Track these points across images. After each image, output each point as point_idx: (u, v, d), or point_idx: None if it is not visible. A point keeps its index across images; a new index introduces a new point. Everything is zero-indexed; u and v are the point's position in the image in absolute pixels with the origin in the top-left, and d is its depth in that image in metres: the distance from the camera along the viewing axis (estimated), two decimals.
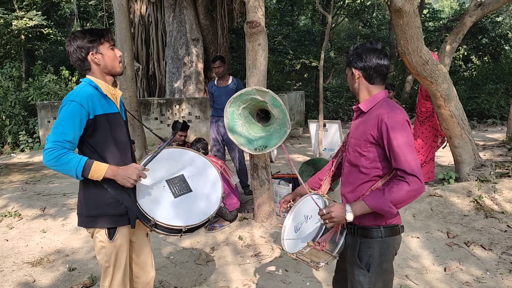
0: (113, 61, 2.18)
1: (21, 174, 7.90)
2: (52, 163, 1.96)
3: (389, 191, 1.77)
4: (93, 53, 2.12)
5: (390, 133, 1.79)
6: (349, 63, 2.00)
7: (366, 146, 1.90)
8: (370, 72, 1.93)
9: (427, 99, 5.57)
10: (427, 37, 16.57)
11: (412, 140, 1.82)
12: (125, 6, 6.97)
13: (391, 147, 1.79)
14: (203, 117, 10.37)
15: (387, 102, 1.91)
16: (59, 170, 2.00)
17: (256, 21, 4.17)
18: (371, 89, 1.96)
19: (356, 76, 1.96)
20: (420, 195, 1.82)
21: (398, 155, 1.77)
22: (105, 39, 2.14)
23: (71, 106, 2.01)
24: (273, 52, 16.86)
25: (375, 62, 1.92)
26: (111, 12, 12.21)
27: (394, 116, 1.82)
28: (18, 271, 3.67)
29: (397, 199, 1.76)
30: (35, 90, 12.09)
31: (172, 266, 3.73)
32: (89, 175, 2.00)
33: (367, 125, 1.90)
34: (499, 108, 13.48)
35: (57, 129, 2.00)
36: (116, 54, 2.20)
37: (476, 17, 6.04)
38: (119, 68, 2.23)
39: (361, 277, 1.94)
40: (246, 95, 4.00)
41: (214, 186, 2.39)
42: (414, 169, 1.75)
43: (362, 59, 1.93)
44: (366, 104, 1.96)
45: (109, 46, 2.16)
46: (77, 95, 2.05)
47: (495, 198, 4.69)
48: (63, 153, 1.97)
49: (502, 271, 3.39)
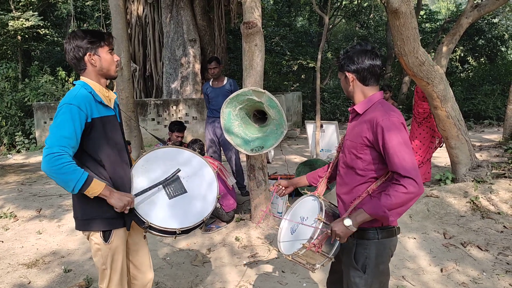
0: (109, 65, 2.18)
1: (17, 175, 7.87)
2: (54, 170, 1.89)
3: (385, 195, 1.76)
4: (90, 54, 2.11)
5: (385, 136, 1.78)
6: (341, 67, 1.98)
7: (362, 149, 1.89)
8: (363, 73, 1.93)
9: (424, 100, 5.58)
10: (423, 38, 16.59)
11: (408, 142, 1.81)
12: (122, 6, 6.96)
13: (386, 150, 1.78)
14: (200, 118, 10.36)
15: (382, 104, 1.90)
16: (57, 178, 1.93)
17: (252, 22, 4.16)
18: (366, 91, 1.95)
19: (350, 80, 1.95)
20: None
21: (393, 158, 1.76)
22: (105, 42, 2.14)
23: (70, 110, 1.98)
24: (270, 53, 16.85)
25: (368, 63, 1.91)
26: (108, 12, 12.19)
27: (389, 119, 1.81)
28: (13, 273, 3.65)
29: (395, 204, 1.74)
30: (31, 91, 12.04)
31: (168, 267, 3.72)
32: (85, 190, 1.98)
33: (362, 128, 1.89)
34: (495, 109, 13.52)
35: (58, 133, 1.94)
36: (114, 58, 2.20)
37: (473, 18, 6.05)
38: (114, 72, 2.22)
39: (357, 279, 1.94)
40: (242, 95, 4.00)
41: (210, 186, 2.37)
42: (410, 171, 1.73)
43: (354, 62, 1.92)
44: (362, 106, 1.95)
45: (108, 50, 2.16)
46: (75, 98, 2.02)
47: (492, 199, 4.70)
48: (68, 162, 1.91)
49: (499, 272, 3.40)
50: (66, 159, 1.91)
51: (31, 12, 13.48)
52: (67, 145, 1.94)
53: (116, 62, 2.21)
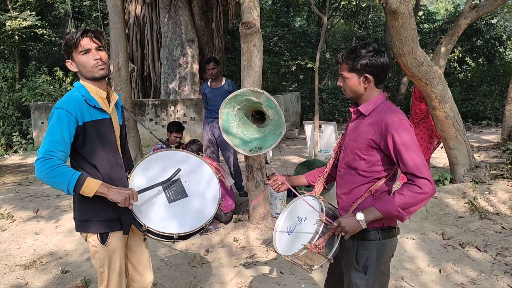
0: (85, 67, 2.04)
1: (14, 176, 7.84)
2: (44, 174, 1.89)
3: (399, 195, 1.76)
4: (68, 61, 2.09)
5: (396, 138, 1.76)
6: (359, 68, 1.87)
7: (367, 150, 1.87)
8: (380, 75, 1.89)
9: (421, 100, 5.57)
10: (422, 39, 16.60)
11: (417, 143, 1.80)
12: (120, 6, 6.93)
13: (399, 152, 1.77)
14: (198, 118, 10.34)
15: (389, 106, 1.88)
16: (50, 182, 1.92)
17: (251, 22, 4.15)
18: (374, 92, 1.92)
19: (370, 81, 1.89)
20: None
21: (406, 160, 1.75)
22: (75, 46, 2.01)
23: (58, 114, 1.97)
24: (268, 53, 16.84)
25: (385, 64, 1.87)
26: (106, 12, 12.15)
27: (400, 121, 1.79)
28: (10, 274, 3.63)
29: (408, 203, 1.74)
30: (28, 91, 12.01)
31: (166, 268, 3.70)
32: (80, 190, 1.94)
33: (368, 129, 1.87)
34: (493, 110, 13.53)
35: (47, 138, 1.95)
36: (91, 58, 2.03)
37: (471, 19, 6.05)
38: (96, 73, 2.06)
39: (358, 280, 1.93)
40: (241, 96, 3.98)
41: (209, 185, 2.34)
42: (424, 172, 1.74)
43: (374, 64, 1.85)
44: (367, 107, 1.92)
45: (80, 52, 2.02)
46: (64, 102, 2.01)
47: (490, 200, 4.69)
48: (56, 165, 1.90)
49: (497, 273, 3.39)
50: (53, 162, 1.90)
51: (28, 12, 13.46)
52: (54, 149, 1.93)
53: (95, 61, 2.04)
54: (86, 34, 2.03)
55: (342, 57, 1.94)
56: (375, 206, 1.82)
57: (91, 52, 2.04)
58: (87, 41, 2.03)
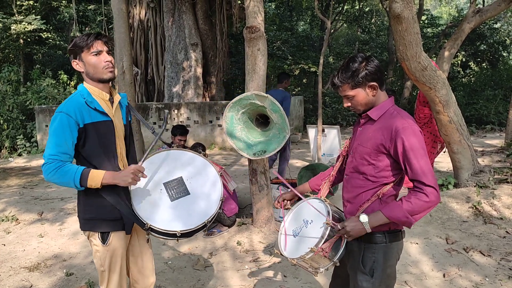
0: (95, 68, 2.09)
1: (19, 179, 7.87)
2: (51, 176, 1.99)
3: (407, 201, 1.77)
4: (75, 61, 2.13)
5: (406, 143, 1.77)
6: (362, 81, 1.87)
7: (376, 155, 1.88)
8: (381, 78, 1.91)
9: (425, 105, 5.57)
10: (425, 43, 16.61)
11: (426, 149, 1.81)
12: (124, 10, 6.97)
13: (408, 159, 1.77)
14: (202, 122, 10.37)
15: (398, 111, 1.88)
16: (59, 183, 2.01)
17: (255, 26, 4.18)
18: (382, 96, 1.93)
19: (375, 87, 1.89)
20: None
21: (415, 167, 1.76)
22: (87, 47, 2.07)
23: (59, 118, 2.02)
24: (272, 57, 16.88)
25: (379, 65, 1.90)
26: (110, 16, 12.24)
27: (410, 127, 1.80)
28: (15, 276, 3.64)
29: (415, 210, 1.76)
30: (33, 94, 12.07)
31: (170, 271, 3.71)
32: (87, 184, 2.01)
33: (378, 134, 1.87)
34: (497, 114, 13.51)
35: (51, 143, 2.01)
36: (102, 59, 2.09)
37: (474, 23, 6.07)
38: (105, 74, 2.11)
39: (365, 283, 1.93)
40: (245, 99, 4.00)
41: (214, 186, 2.36)
42: (431, 180, 1.75)
43: (371, 70, 1.86)
44: (376, 112, 1.92)
45: (91, 53, 2.07)
46: (64, 105, 2.05)
47: (494, 204, 4.68)
48: (60, 165, 1.99)
49: (501, 277, 3.38)
50: (56, 164, 1.98)
51: (33, 16, 13.55)
52: (57, 152, 2.00)
53: (105, 63, 2.10)
54: (99, 37, 2.11)
55: (339, 80, 1.93)
56: (382, 211, 1.82)
57: (102, 54, 2.11)
58: (100, 43, 2.10)
